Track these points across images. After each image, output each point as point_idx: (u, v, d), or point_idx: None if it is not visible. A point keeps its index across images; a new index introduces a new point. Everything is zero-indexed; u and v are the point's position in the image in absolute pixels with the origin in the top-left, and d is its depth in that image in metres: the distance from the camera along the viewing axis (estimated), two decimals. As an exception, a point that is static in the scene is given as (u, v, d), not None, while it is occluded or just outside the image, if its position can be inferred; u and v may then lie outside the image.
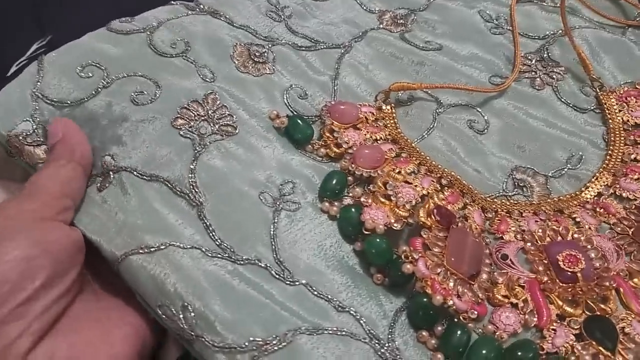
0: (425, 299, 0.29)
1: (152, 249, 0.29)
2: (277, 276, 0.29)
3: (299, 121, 0.35)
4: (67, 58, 0.34)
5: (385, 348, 0.28)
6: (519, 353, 0.28)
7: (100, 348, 0.27)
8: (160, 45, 0.36)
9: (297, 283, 0.29)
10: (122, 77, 0.34)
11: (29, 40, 0.42)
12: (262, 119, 0.35)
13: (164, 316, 0.28)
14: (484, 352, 0.28)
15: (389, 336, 0.28)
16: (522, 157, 0.37)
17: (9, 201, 0.29)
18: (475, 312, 0.29)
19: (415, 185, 0.33)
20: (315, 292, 0.29)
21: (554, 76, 0.41)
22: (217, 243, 0.29)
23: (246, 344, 0.26)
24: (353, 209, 0.31)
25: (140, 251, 0.29)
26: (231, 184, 0.31)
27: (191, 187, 0.31)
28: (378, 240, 0.30)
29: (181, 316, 0.27)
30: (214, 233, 0.30)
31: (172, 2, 0.39)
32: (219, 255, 0.29)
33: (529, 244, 0.33)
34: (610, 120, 0.39)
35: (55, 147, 0.31)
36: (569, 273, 0.31)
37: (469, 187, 0.34)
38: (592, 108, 0.40)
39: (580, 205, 0.35)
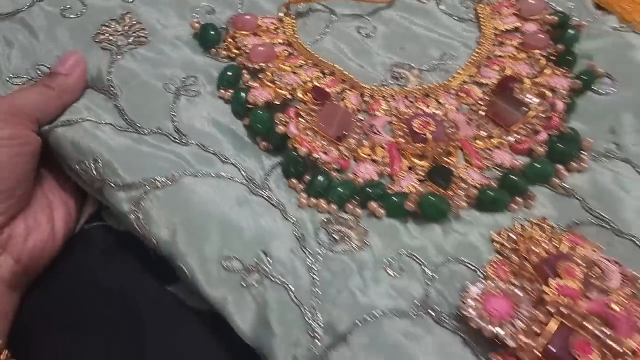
0: (294, 153, 0.35)
1: (72, 123, 0.35)
2: (174, 140, 0.35)
3: (209, 27, 0.41)
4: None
5: (259, 188, 0.34)
6: (369, 190, 0.34)
7: (46, 226, 0.35)
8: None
9: (191, 143, 0.35)
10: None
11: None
12: (173, 30, 0.41)
13: (81, 171, 0.34)
14: (340, 189, 0.34)
15: (264, 182, 0.35)
16: (402, 55, 0.43)
17: None
18: (339, 164, 0.35)
19: (300, 74, 0.39)
20: (205, 150, 0.35)
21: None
22: (127, 121, 0.36)
23: (140, 181, 0.32)
24: (242, 92, 0.38)
25: (63, 124, 0.35)
26: (141, 79, 0.38)
27: (109, 84, 0.37)
28: (260, 112, 0.37)
29: (92, 167, 0.33)
30: (125, 114, 0.36)
31: None
32: (128, 130, 0.35)
33: (394, 118, 0.39)
34: (483, 27, 0.45)
35: (55, 76, 0.36)
36: (420, 135, 0.37)
37: (349, 77, 0.41)
38: (470, 18, 0.46)
39: (446, 91, 0.41)
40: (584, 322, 0.28)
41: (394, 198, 0.34)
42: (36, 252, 0.34)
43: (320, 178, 0.34)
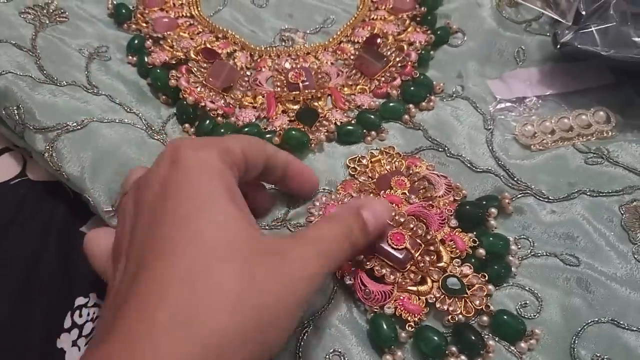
0: (185, 102, 0.42)
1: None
2: (87, 90, 0.42)
3: (121, 6, 0.48)
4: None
5: (156, 133, 0.41)
6: (247, 129, 0.41)
7: None
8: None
9: (101, 94, 0.42)
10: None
11: None
12: (90, 11, 0.48)
13: (6, 116, 0.41)
14: (222, 130, 0.41)
15: (161, 128, 0.42)
16: (290, 22, 0.51)
17: None
18: (223, 111, 0.42)
19: (196, 39, 0.47)
20: (112, 100, 0.42)
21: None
22: (45, 75, 0.42)
23: (55, 125, 0.39)
24: (145, 56, 0.45)
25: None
26: (60, 45, 0.45)
27: (32, 47, 0.44)
28: (158, 70, 0.44)
29: (16, 112, 0.40)
30: (44, 70, 0.43)
31: None
32: (46, 82, 0.42)
33: (276, 72, 0.46)
34: (363, -6, 0.53)
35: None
36: (294, 84, 0.44)
37: (241, 39, 0.48)
38: (353, -13, 0.54)
39: (325, 49, 0.48)
40: (402, 220, 0.35)
41: (266, 135, 0.41)
42: None
43: (206, 122, 0.42)
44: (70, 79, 0.43)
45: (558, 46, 0.43)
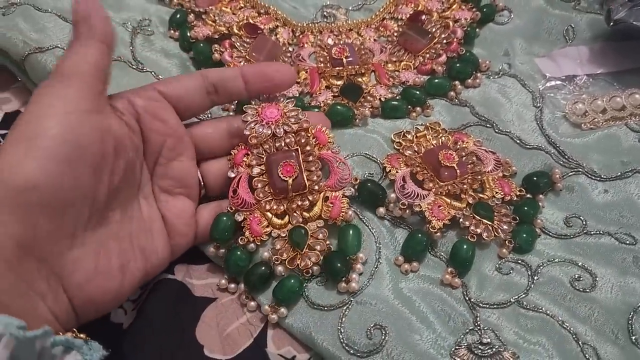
0: (228, 75, 0.42)
1: (44, 50, 0.41)
2: (132, 67, 0.42)
3: (163, -20, 0.48)
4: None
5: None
6: (293, 99, 0.40)
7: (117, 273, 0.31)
8: None
9: (146, 70, 0.42)
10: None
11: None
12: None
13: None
14: (265, 104, 0.41)
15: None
16: (332, -2, 0.50)
17: (44, 87, 0.27)
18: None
19: (238, 15, 0.46)
20: (156, 77, 0.42)
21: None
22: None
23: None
24: (187, 31, 0.45)
25: (36, 51, 0.41)
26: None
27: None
28: (202, 45, 0.43)
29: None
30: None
31: None
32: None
33: (319, 48, 0.45)
34: (406, -28, 0.52)
35: (79, 26, 0.29)
36: (338, 60, 0.43)
37: (283, 15, 0.47)
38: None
39: (367, 26, 0.48)
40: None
41: (311, 109, 0.41)
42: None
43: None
44: (115, 54, 0.42)
45: (612, 23, 0.42)
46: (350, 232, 0.33)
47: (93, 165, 0.27)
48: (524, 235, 0.34)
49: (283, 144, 0.35)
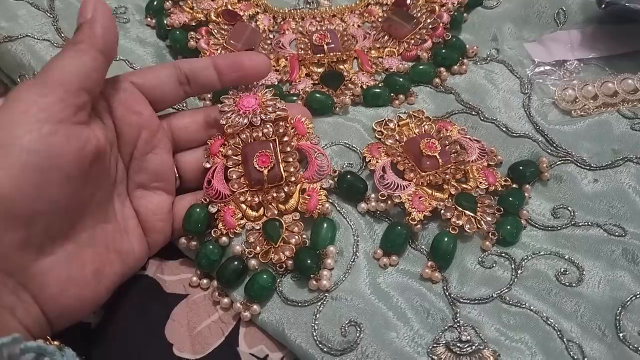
0: (204, 63, 0.40)
1: (14, 38, 0.40)
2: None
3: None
4: None
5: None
6: (271, 88, 0.39)
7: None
8: None
9: (119, 58, 0.41)
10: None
11: None
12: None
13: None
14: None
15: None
16: (315, -16, 0.48)
17: (21, 91, 0.26)
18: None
19: (217, 1, 0.45)
20: (130, 65, 0.41)
21: None
22: (63, 39, 0.41)
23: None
24: (164, 18, 0.43)
25: (6, 40, 0.40)
26: (78, 6, 0.43)
27: (50, 8, 0.43)
28: (178, 32, 0.42)
29: (32, 78, 0.39)
30: (61, 33, 0.42)
31: None
32: (63, 46, 0.41)
33: (300, 35, 0.44)
34: (392, -44, 0.50)
35: (81, 28, 0.28)
36: (319, 47, 0.42)
37: (263, 2, 0.46)
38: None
39: (351, 12, 0.46)
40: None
41: (289, 97, 0.39)
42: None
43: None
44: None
45: (604, 5, 0.40)
46: (325, 225, 0.32)
47: (67, 175, 0.26)
48: (508, 227, 0.33)
49: (261, 134, 0.33)
